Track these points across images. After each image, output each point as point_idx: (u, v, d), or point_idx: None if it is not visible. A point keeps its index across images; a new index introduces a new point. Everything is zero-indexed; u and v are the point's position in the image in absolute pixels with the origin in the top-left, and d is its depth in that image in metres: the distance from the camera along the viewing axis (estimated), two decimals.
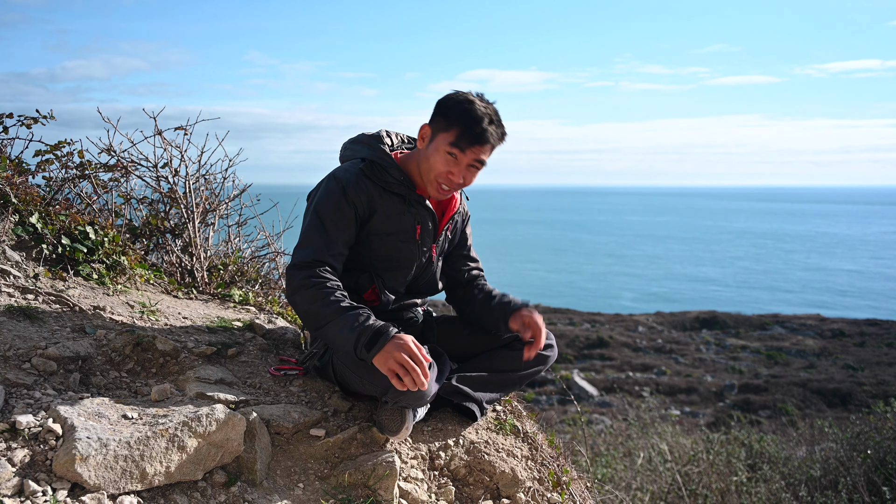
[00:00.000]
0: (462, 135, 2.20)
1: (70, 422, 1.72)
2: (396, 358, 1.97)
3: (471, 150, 2.22)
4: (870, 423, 6.63)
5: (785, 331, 27.18)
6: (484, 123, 2.19)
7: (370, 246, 2.34)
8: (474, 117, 2.19)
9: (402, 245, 2.37)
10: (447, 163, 2.24)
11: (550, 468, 2.50)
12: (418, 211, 2.37)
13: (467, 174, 2.27)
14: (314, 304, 2.09)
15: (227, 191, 3.92)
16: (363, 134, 2.47)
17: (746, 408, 17.58)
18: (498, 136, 2.26)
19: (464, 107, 2.21)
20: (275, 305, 3.52)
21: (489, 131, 2.20)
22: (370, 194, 2.28)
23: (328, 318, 2.07)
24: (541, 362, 2.54)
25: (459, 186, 2.31)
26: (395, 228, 2.34)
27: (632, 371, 21.33)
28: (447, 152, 2.22)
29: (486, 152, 2.25)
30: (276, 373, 2.51)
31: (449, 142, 2.21)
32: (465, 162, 2.24)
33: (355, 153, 2.40)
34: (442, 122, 2.25)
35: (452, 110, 2.22)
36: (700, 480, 6.24)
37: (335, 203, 2.24)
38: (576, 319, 28.22)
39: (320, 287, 2.10)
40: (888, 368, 21.10)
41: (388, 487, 2.05)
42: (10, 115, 3.28)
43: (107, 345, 2.30)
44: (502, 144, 2.32)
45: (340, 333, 2.04)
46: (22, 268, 2.65)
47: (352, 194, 2.25)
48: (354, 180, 2.27)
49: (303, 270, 2.14)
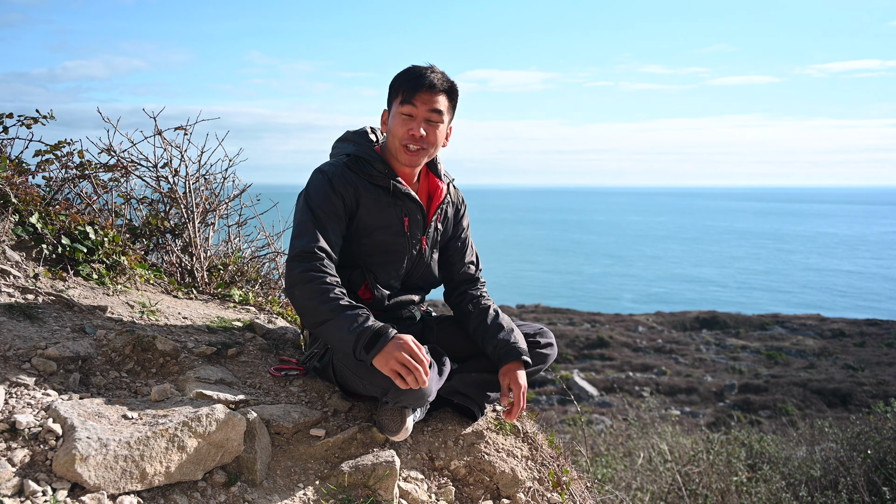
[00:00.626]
0: (407, 90, 2.28)
1: (70, 422, 1.72)
2: (397, 358, 1.97)
3: (419, 100, 2.27)
4: (870, 423, 6.62)
5: (785, 331, 27.18)
6: (425, 73, 2.28)
7: (359, 241, 2.35)
8: (414, 72, 2.30)
9: (391, 238, 2.37)
10: (404, 122, 2.30)
11: (550, 468, 2.50)
12: (405, 203, 2.39)
13: (427, 128, 2.31)
14: (313, 300, 2.08)
15: (227, 191, 3.92)
16: (348, 132, 2.51)
17: (746, 408, 17.58)
18: (443, 81, 2.31)
19: (403, 71, 2.33)
20: (275, 305, 3.52)
21: (431, 77, 2.28)
22: (356, 186, 2.31)
23: (327, 316, 2.06)
24: (540, 361, 2.53)
25: (425, 143, 2.32)
26: (382, 222, 2.35)
27: (632, 371, 21.33)
28: (401, 114, 2.30)
29: (436, 101, 2.29)
30: (277, 373, 2.51)
31: (399, 102, 2.30)
32: (421, 115, 2.29)
33: (341, 150, 2.44)
34: (392, 94, 2.34)
35: (395, 79, 2.34)
36: (700, 480, 6.24)
37: (323, 194, 2.26)
38: (576, 319, 28.23)
39: (320, 282, 2.10)
40: (888, 368, 21.10)
41: (388, 487, 2.05)
42: (10, 115, 3.28)
43: (107, 345, 2.30)
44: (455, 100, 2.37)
45: (338, 333, 2.04)
46: (22, 268, 2.65)
47: (338, 186, 2.28)
48: (339, 173, 2.30)
49: (302, 262, 2.14)
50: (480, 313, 2.51)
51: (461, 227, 2.62)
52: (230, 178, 3.89)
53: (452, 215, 2.59)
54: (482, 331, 2.46)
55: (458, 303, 2.61)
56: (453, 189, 2.61)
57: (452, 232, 2.60)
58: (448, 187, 2.56)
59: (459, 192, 2.66)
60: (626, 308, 35.89)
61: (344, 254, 2.34)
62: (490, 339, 2.42)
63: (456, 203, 2.61)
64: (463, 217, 2.64)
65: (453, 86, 2.36)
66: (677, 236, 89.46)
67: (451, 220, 2.59)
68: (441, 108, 2.31)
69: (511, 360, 2.37)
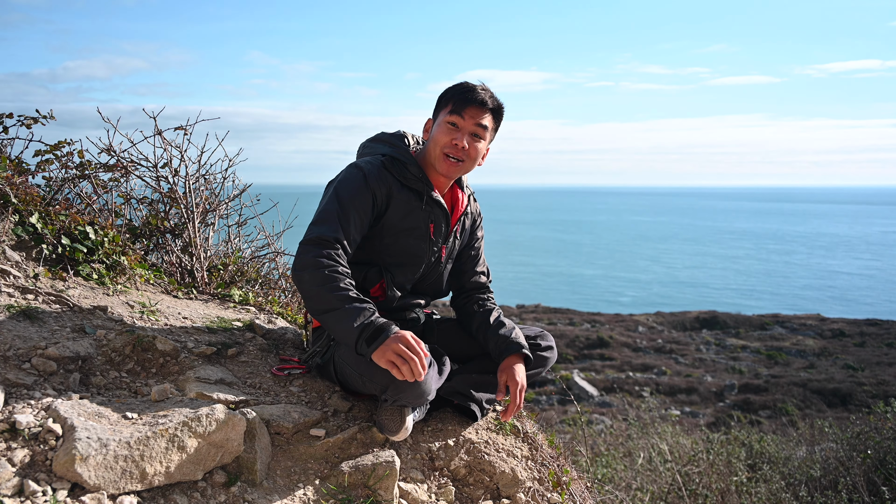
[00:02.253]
0: (457, 101, 2.33)
1: (70, 422, 1.72)
2: (394, 349, 1.98)
3: (468, 113, 2.32)
4: (870, 423, 6.62)
5: (785, 331, 27.18)
6: (477, 89, 2.35)
7: (382, 240, 2.36)
8: (466, 86, 2.36)
9: (415, 242, 2.39)
10: (449, 132, 2.33)
11: (550, 468, 2.50)
12: (433, 210, 2.41)
13: (471, 141, 2.35)
14: (322, 286, 2.08)
15: (227, 191, 3.92)
16: (383, 133, 2.53)
17: (746, 408, 17.58)
18: (493, 101, 2.37)
19: (456, 84, 2.39)
20: (275, 305, 3.52)
21: (482, 94, 2.34)
22: (389, 186, 2.33)
23: (334, 305, 2.06)
24: (540, 364, 2.54)
25: (465, 156, 2.35)
26: (409, 224, 2.37)
27: (632, 371, 21.33)
28: (447, 122, 2.34)
29: (484, 116, 2.35)
30: (280, 372, 2.51)
31: (447, 112, 2.34)
32: (467, 129, 2.33)
33: (374, 151, 2.45)
34: (440, 104, 2.40)
35: (447, 91, 2.39)
36: (700, 480, 6.24)
37: (356, 187, 2.27)
38: (576, 319, 28.23)
39: (331, 270, 2.10)
40: (888, 368, 21.10)
41: (388, 487, 2.05)
42: (10, 115, 3.28)
43: (107, 345, 2.30)
44: (500, 121, 2.43)
45: (342, 325, 2.04)
46: (22, 268, 2.65)
47: (372, 182, 2.29)
48: (376, 171, 2.32)
49: (316, 248, 2.14)
50: (484, 314, 2.54)
51: (476, 237, 2.65)
52: (230, 178, 3.90)
53: (469, 226, 2.62)
54: (484, 329, 2.50)
55: (464, 304, 2.63)
56: (473, 202, 2.64)
57: (467, 242, 2.63)
58: (469, 199, 2.59)
59: (477, 205, 2.69)
60: (626, 308, 35.90)
61: (364, 251, 2.36)
62: (491, 336, 2.46)
63: (473, 215, 2.65)
64: (478, 228, 2.67)
65: (501, 107, 2.41)
66: (677, 236, 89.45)
67: (468, 232, 2.62)
68: (487, 125, 2.36)
69: (511, 354, 2.39)
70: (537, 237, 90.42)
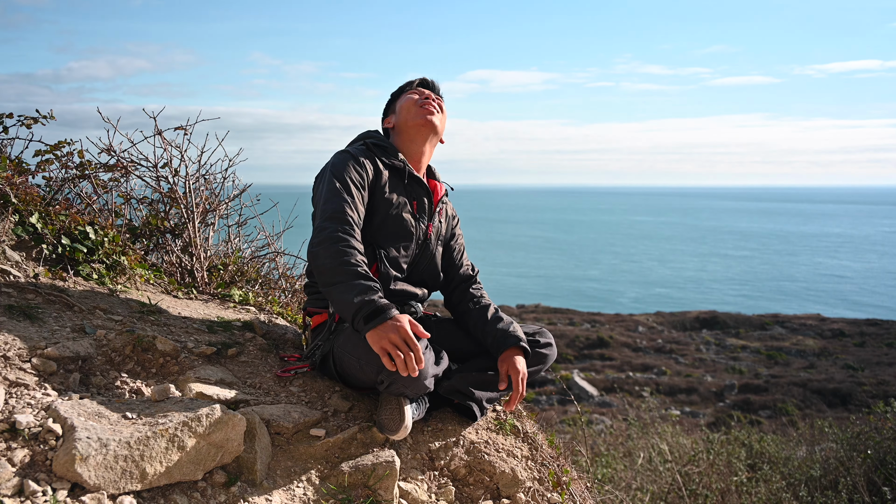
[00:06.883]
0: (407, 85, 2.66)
1: (70, 422, 1.72)
2: (391, 339, 1.99)
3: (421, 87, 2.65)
4: (870, 423, 6.62)
5: (785, 331, 27.18)
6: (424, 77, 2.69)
7: (371, 219, 2.43)
8: (408, 81, 2.68)
9: (402, 215, 2.48)
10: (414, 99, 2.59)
11: (550, 468, 2.50)
12: (414, 187, 2.54)
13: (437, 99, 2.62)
14: (335, 259, 2.14)
15: (227, 191, 3.92)
16: (361, 133, 2.69)
17: (746, 408, 17.58)
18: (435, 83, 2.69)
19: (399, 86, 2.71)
20: (275, 305, 3.52)
21: (425, 78, 2.68)
22: (375, 164, 2.47)
23: (341, 279, 2.11)
24: (539, 361, 2.54)
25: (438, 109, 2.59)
26: (395, 200, 2.47)
27: (632, 371, 21.34)
28: (409, 96, 2.61)
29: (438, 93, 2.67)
30: (285, 374, 2.50)
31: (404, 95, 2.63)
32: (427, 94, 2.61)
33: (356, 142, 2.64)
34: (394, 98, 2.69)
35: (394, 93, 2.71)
36: (700, 480, 6.24)
37: (349, 166, 2.40)
38: (576, 319, 28.23)
39: (347, 245, 2.17)
40: (888, 368, 21.10)
41: (388, 487, 2.05)
42: (11, 115, 3.27)
43: (107, 345, 2.30)
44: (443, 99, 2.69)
45: (344, 298, 2.08)
46: (22, 268, 2.65)
47: (361, 159, 2.44)
48: (360, 151, 2.48)
49: (334, 223, 2.22)
50: (481, 311, 2.58)
51: (457, 234, 2.76)
52: (230, 178, 3.90)
53: (451, 217, 2.73)
54: (482, 324, 2.53)
55: (459, 302, 2.66)
56: (449, 192, 2.75)
57: (451, 235, 2.72)
58: (445, 190, 2.71)
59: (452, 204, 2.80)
60: (626, 308, 35.90)
61: None
62: (489, 331, 2.49)
63: (452, 210, 2.76)
64: (458, 226, 2.78)
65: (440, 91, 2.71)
66: (677, 236, 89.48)
67: (450, 220, 2.72)
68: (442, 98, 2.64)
69: (509, 347, 2.42)
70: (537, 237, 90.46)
